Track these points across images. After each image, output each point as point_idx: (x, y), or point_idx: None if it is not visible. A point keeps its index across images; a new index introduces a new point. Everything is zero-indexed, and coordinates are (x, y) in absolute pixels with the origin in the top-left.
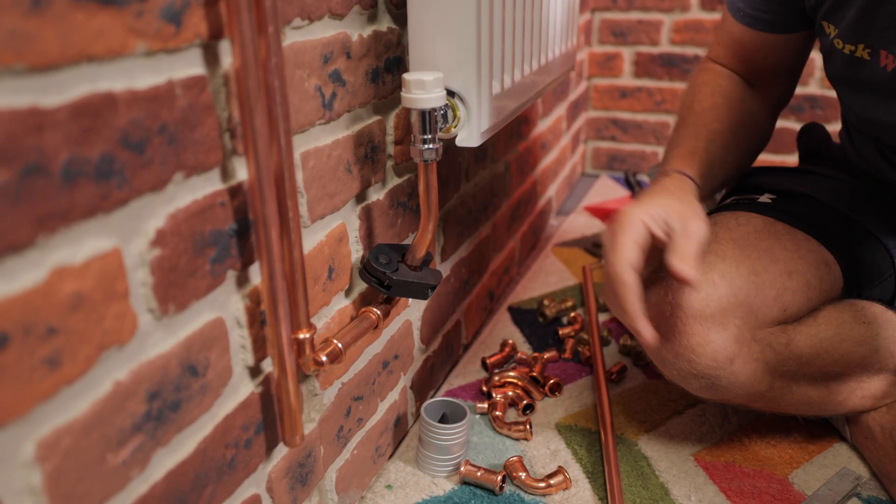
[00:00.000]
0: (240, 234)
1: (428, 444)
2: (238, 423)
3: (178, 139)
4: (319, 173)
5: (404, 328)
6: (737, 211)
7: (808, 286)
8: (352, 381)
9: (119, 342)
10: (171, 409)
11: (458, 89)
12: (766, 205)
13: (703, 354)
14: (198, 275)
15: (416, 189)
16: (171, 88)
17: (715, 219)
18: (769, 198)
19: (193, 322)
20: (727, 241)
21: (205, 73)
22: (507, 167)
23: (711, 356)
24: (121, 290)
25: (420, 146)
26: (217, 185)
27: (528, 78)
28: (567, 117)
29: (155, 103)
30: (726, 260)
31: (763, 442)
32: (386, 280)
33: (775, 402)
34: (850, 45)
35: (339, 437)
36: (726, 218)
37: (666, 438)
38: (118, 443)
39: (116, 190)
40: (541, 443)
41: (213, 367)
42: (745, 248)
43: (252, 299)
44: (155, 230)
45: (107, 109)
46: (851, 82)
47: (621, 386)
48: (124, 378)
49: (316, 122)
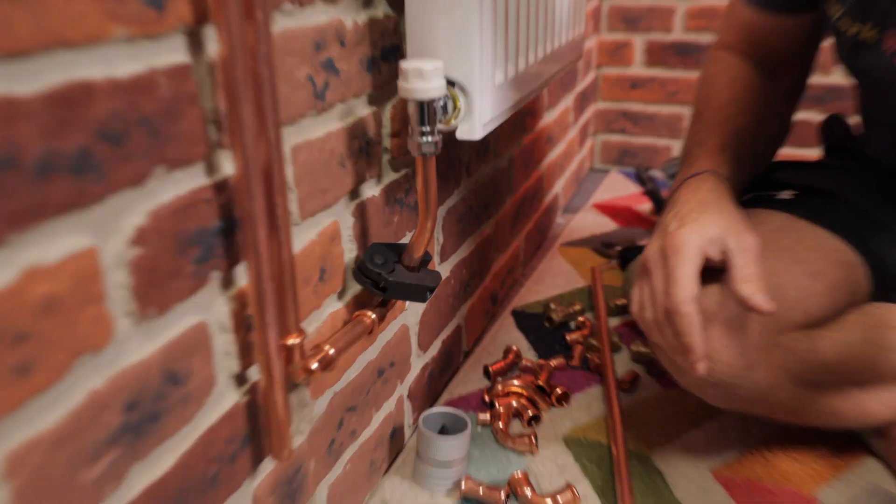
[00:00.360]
0: (225, 232)
1: (426, 457)
2: (222, 436)
3: (159, 131)
4: (311, 168)
5: (401, 333)
6: (755, 208)
7: (832, 288)
8: (344, 391)
9: (94, 348)
10: (149, 420)
11: (459, 79)
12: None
13: (721, 361)
14: (180, 276)
15: (413, 185)
16: (153, 77)
17: None
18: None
19: (175, 327)
20: None
21: (189, 60)
22: (510, 162)
23: (729, 363)
24: (97, 293)
25: (418, 139)
26: (201, 180)
27: (534, 67)
28: (574, 109)
29: (135, 93)
30: None
31: (786, 456)
32: (381, 282)
33: (799, 413)
34: (857, 26)
35: (330, 450)
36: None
37: (682, 452)
38: (92, 457)
39: (93, 185)
40: (547, 457)
41: (195, 375)
42: (765, 248)
43: (238, 302)
44: (134, 228)
45: (84, 99)
46: (858, 69)
47: (634, 396)
48: (100, 387)
49: (307, 114)
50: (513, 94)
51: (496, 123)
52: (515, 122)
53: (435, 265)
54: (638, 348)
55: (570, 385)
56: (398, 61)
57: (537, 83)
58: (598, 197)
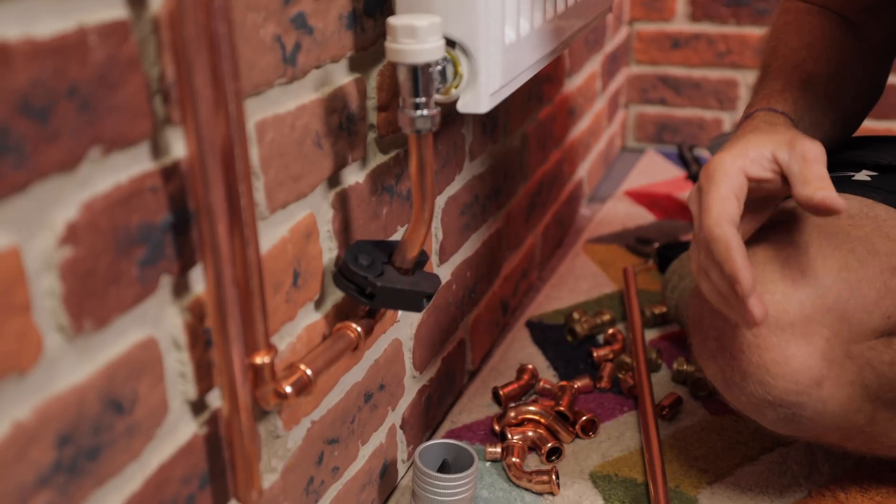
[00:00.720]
0: (177, 228)
1: (424, 500)
2: (177, 475)
3: (92, 104)
4: (280, 149)
5: (392, 350)
6: None
7: None
8: (324, 419)
9: (19, 370)
10: (87, 457)
11: (461, 38)
12: (863, 183)
13: (781, 375)
14: (122, 282)
15: (405, 169)
16: (83, 37)
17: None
18: (868, 175)
19: (117, 343)
20: (811, 228)
21: (127, 16)
22: (524, 141)
23: (792, 377)
24: (20, 302)
25: (411, 112)
26: (146, 164)
27: (552, 22)
28: (602, 74)
29: (62, 57)
30: (810, 252)
31: (864, 497)
32: (368, 287)
33: (878, 441)
34: None
35: (308, 491)
36: None
37: (735, 492)
38: (19, 501)
39: (13, 171)
40: (571, 498)
41: (142, 401)
42: (834, 237)
43: (194, 313)
44: (65, 223)
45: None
46: None
47: (675, 424)
48: (26, 418)
49: (275, 82)
50: (527, 57)
51: (507, 93)
52: (530, 92)
53: (433, 267)
54: (681, 366)
55: (597, 411)
56: (386, 17)
57: (557, 42)
58: (631, 182)
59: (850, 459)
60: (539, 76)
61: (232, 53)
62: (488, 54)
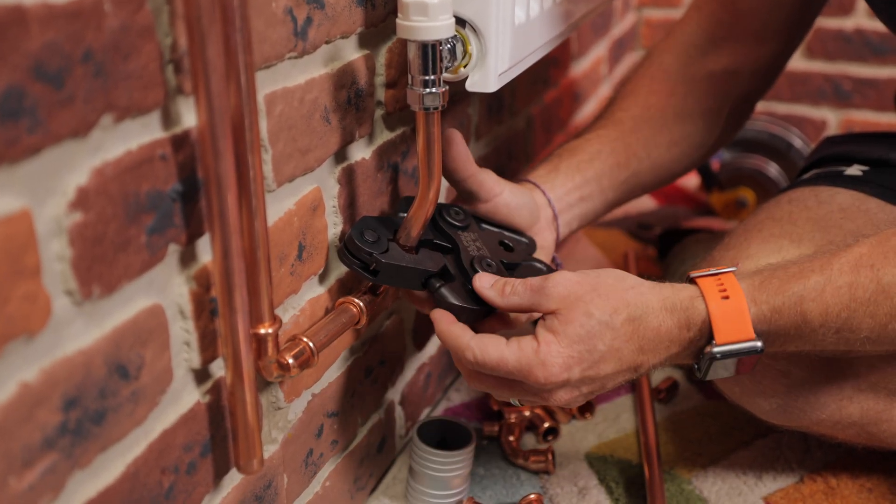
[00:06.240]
0: (185, 197)
1: (421, 475)
2: (179, 442)
3: (106, 70)
4: (289, 122)
5: (394, 327)
6: (818, 186)
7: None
8: (325, 393)
9: (27, 332)
10: (93, 420)
11: (471, 16)
12: (855, 178)
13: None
14: (130, 249)
15: (412, 146)
16: (99, 3)
17: (790, 196)
18: (859, 169)
19: (124, 309)
20: (805, 221)
21: None
22: (529, 122)
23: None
24: (30, 265)
25: (420, 90)
26: (157, 132)
27: (561, 5)
28: (609, 59)
29: (77, 22)
30: (802, 244)
31: (855, 484)
32: (372, 263)
33: (871, 431)
34: None
35: (307, 463)
36: (804, 194)
37: (729, 476)
38: (24, 462)
39: (26, 134)
40: (566, 477)
41: (148, 368)
42: (827, 230)
43: (200, 283)
44: (76, 188)
45: (14, 28)
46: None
47: (671, 407)
48: (33, 379)
49: (285, 56)
50: (536, 38)
51: (515, 73)
52: (536, 74)
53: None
54: None
55: None
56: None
57: (565, 25)
58: None
59: (843, 448)
60: (545, 59)
61: (244, 25)
62: (498, 34)
